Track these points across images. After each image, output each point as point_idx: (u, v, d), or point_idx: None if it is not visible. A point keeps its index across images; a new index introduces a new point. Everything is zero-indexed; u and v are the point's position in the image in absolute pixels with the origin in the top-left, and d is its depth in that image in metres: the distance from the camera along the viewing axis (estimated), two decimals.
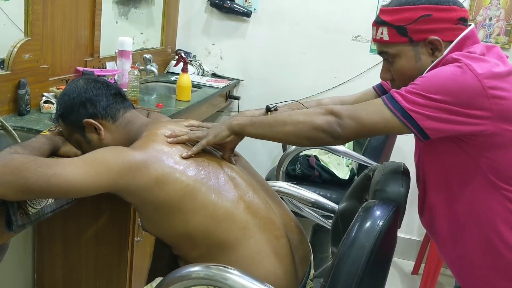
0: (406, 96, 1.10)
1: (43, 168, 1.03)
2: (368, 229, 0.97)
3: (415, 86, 1.11)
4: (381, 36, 1.23)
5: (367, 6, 2.85)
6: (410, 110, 1.09)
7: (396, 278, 2.87)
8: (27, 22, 1.73)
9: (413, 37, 1.19)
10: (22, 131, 1.59)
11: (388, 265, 1.15)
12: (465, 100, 1.07)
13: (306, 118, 1.18)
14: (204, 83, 2.79)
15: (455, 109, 1.07)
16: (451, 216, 1.22)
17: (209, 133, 1.25)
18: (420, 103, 1.08)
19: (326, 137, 1.15)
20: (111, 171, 1.10)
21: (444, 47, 1.19)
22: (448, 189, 1.21)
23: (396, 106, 1.10)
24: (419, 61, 1.21)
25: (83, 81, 1.31)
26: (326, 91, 2.97)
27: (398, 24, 1.20)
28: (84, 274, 1.71)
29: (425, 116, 1.08)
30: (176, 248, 1.25)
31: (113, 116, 1.29)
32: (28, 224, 1.17)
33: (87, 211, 1.65)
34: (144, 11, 2.86)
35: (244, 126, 1.24)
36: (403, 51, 1.21)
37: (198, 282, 1.03)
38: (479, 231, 1.18)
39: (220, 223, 1.17)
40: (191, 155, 1.20)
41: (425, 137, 1.11)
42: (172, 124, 1.35)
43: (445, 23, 1.18)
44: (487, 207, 1.16)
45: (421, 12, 1.17)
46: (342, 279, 0.93)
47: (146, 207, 1.18)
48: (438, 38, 1.18)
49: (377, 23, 1.25)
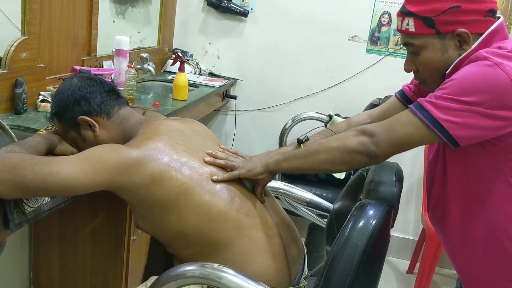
0: (437, 103, 1.07)
1: (39, 166, 1.04)
2: (361, 228, 0.97)
3: (445, 91, 1.08)
4: (407, 27, 1.18)
5: (364, 7, 2.86)
6: (441, 119, 1.06)
7: (391, 277, 2.88)
8: (24, 21, 1.73)
9: (441, 29, 1.15)
10: (19, 130, 1.59)
11: (381, 264, 1.16)
12: (497, 100, 1.04)
13: (338, 143, 1.17)
14: (201, 82, 2.80)
15: (488, 112, 1.04)
16: (465, 217, 1.21)
17: (245, 165, 1.25)
18: (452, 108, 1.05)
19: (362, 158, 1.13)
20: (108, 169, 1.10)
21: (472, 40, 1.14)
22: (467, 194, 1.19)
23: (427, 115, 1.07)
24: (446, 54, 1.17)
25: (77, 79, 1.32)
26: (323, 91, 2.98)
27: (425, 15, 1.15)
28: (80, 272, 1.72)
29: (457, 125, 1.05)
30: (170, 246, 1.26)
31: (107, 113, 1.30)
32: (25, 223, 1.17)
33: (84, 210, 1.65)
34: (141, 10, 2.86)
35: (279, 162, 1.23)
36: (429, 43, 1.17)
37: (193, 281, 1.03)
38: (490, 232, 1.17)
39: (213, 222, 1.18)
40: (221, 180, 1.22)
41: (455, 145, 1.08)
42: (171, 121, 1.36)
43: (474, 15, 1.13)
44: (502, 209, 1.15)
45: (450, 4, 1.12)
46: (335, 278, 0.94)
47: (142, 205, 1.19)
48: (467, 30, 1.13)
49: (403, 14, 1.20)
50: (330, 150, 1.17)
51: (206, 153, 1.26)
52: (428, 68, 1.21)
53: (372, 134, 1.12)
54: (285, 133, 2.84)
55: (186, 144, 1.25)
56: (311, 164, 1.20)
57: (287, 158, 1.23)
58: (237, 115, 3.16)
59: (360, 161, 1.14)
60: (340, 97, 2.96)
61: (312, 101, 3.02)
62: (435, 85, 1.21)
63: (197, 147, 1.28)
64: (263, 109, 3.12)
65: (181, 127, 1.34)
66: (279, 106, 3.09)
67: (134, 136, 1.25)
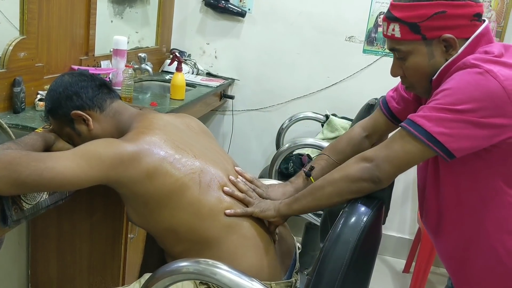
0: (429, 116, 1.06)
1: (35, 162, 1.05)
2: (353, 224, 0.99)
3: (437, 102, 1.07)
4: (393, 32, 1.17)
5: (361, 7, 2.88)
6: (436, 133, 1.05)
7: (387, 276, 2.89)
8: (23, 20, 1.75)
9: (427, 34, 1.13)
10: (17, 129, 1.61)
11: (373, 260, 1.18)
12: (490, 108, 1.03)
13: (341, 173, 1.17)
14: (198, 82, 2.81)
15: (482, 121, 1.03)
16: (459, 225, 1.21)
17: (259, 205, 1.28)
18: (445, 118, 1.04)
19: (368, 185, 1.12)
20: (103, 164, 1.12)
21: (458, 45, 1.13)
22: (461, 202, 1.19)
23: (421, 131, 1.06)
24: (433, 59, 1.16)
25: (68, 76, 1.34)
26: (320, 91, 3.00)
27: (411, 21, 1.13)
28: (78, 270, 1.72)
29: (452, 137, 1.04)
30: (161, 241, 1.27)
31: (100, 106, 1.31)
32: (23, 219, 1.19)
33: (81, 208, 1.66)
34: (139, 10, 2.88)
35: (290, 205, 1.25)
36: (416, 49, 1.16)
37: (187, 276, 1.04)
38: (484, 239, 1.17)
39: (204, 220, 1.20)
40: (235, 215, 1.24)
41: (452, 157, 1.07)
42: (166, 115, 1.37)
43: (460, 20, 1.12)
44: (496, 216, 1.15)
45: (435, 9, 1.11)
46: (327, 274, 0.95)
47: (135, 199, 1.20)
48: (453, 36, 1.12)
49: (388, 19, 1.18)
50: (335, 182, 1.17)
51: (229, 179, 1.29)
52: (416, 74, 1.19)
53: (371, 159, 1.12)
54: (282, 133, 2.86)
55: (180, 139, 1.27)
56: (319, 200, 1.20)
57: (297, 199, 1.24)
58: (235, 115, 3.17)
59: (367, 188, 1.13)
60: (337, 97, 2.98)
61: (309, 101, 3.03)
62: (423, 89, 1.22)
63: (191, 142, 1.29)
64: (260, 109, 3.13)
65: (176, 121, 1.35)
66: (276, 106, 3.10)
67: (129, 129, 1.26)
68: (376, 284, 1.15)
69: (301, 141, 2.31)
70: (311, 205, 1.22)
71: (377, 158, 1.11)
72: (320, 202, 1.20)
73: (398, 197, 2.98)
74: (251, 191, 1.31)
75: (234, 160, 1.43)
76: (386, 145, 1.13)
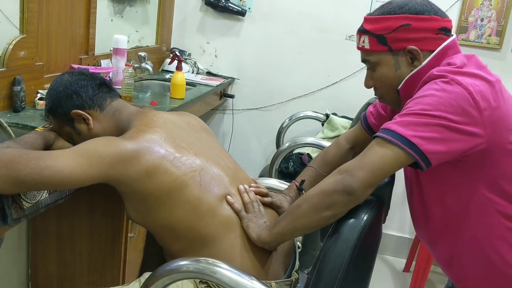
0: (402, 121, 1.07)
1: (35, 161, 1.05)
2: (353, 223, 0.99)
3: (409, 109, 1.09)
4: (363, 44, 1.23)
5: (360, 6, 2.87)
6: (409, 135, 1.05)
7: (388, 275, 2.90)
8: (23, 19, 1.75)
9: (393, 46, 1.19)
10: (17, 128, 1.61)
11: (373, 259, 1.17)
12: (460, 113, 1.05)
13: (316, 188, 1.14)
14: (198, 81, 2.81)
15: (453, 126, 1.05)
16: (450, 236, 1.22)
17: (251, 220, 1.24)
18: (418, 122, 1.05)
19: (342, 197, 1.07)
20: (103, 162, 1.11)
21: (422, 57, 1.18)
22: (448, 214, 1.20)
23: (394, 135, 1.06)
24: (399, 70, 1.20)
25: (68, 75, 1.34)
26: (320, 90, 3.00)
27: (378, 33, 1.19)
28: (78, 269, 1.72)
29: (426, 139, 1.04)
30: (160, 239, 1.27)
31: (100, 105, 1.31)
32: (23, 218, 1.18)
33: (81, 207, 1.66)
34: (139, 9, 2.88)
35: (271, 230, 1.20)
36: (383, 60, 1.21)
37: (187, 275, 1.04)
38: (476, 247, 1.18)
39: (202, 218, 1.19)
40: (232, 206, 1.23)
41: (428, 164, 1.06)
42: (166, 113, 1.37)
43: (424, 33, 1.17)
44: (484, 224, 1.16)
45: (400, 22, 1.17)
46: (327, 272, 0.95)
47: (135, 196, 1.20)
48: (417, 48, 1.17)
49: (360, 32, 1.25)
50: (310, 198, 1.13)
51: (238, 187, 1.28)
52: (384, 84, 1.24)
53: (346, 169, 1.09)
54: (282, 132, 2.86)
55: (181, 137, 1.26)
56: (297, 220, 1.15)
57: (277, 222, 1.20)
58: (235, 114, 3.17)
59: (341, 200, 1.07)
60: (337, 96, 2.97)
61: (309, 100, 3.03)
62: (392, 100, 1.26)
63: (191, 141, 1.29)
64: (260, 108, 3.13)
65: (176, 119, 1.35)
66: (276, 105, 3.10)
67: (129, 127, 1.26)
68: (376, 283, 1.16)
69: (301, 140, 2.31)
70: (290, 226, 1.16)
71: (351, 168, 1.08)
72: (298, 221, 1.15)
73: (398, 196, 2.98)
74: (256, 203, 1.29)
75: (235, 159, 1.42)
76: (361, 155, 1.11)
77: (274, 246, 1.22)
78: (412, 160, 1.06)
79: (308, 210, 1.12)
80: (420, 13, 1.17)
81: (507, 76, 2.82)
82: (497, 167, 1.11)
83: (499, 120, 1.07)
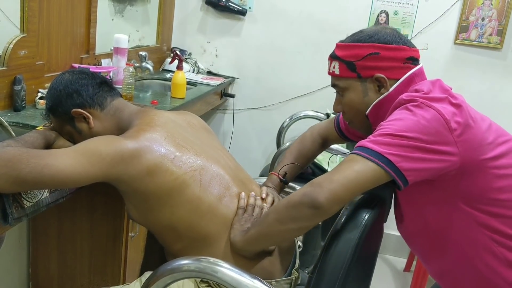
0: (378, 140, 1.07)
1: (35, 159, 1.05)
2: (354, 222, 0.99)
3: (382, 130, 1.09)
4: (333, 69, 1.27)
5: (361, 6, 2.87)
6: (386, 153, 1.04)
7: (388, 275, 2.89)
8: (23, 18, 1.75)
9: (361, 73, 1.22)
10: (18, 127, 1.61)
11: (374, 259, 1.17)
12: (432, 134, 1.06)
13: (285, 200, 1.11)
14: (199, 81, 2.81)
15: (427, 147, 1.06)
16: (437, 251, 1.23)
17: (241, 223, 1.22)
18: (393, 143, 1.05)
19: (308, 210, 1.03)
20: (104, 161, 1.11)
21: (389, 84, 1.21)
22: (431, 232, 1.21)
23: (371, 152, 1.05)
24: (367, 96, 1.23)
25: (68, 74, 1.33)
26: (320, 89, 3.00)
27: (348, 59, 1.22)
28: (78, 269, 1.72)
29: (402, 157, 1.04)
30: (161, 239, 1.27)
31: (100, 104, 1.31)
32: (24, 217, 1.18)
33: (82, 207, 1.66)
34: (140, 8, 2.88)
35: (243, 236, 1.19)
36: (352, 86, 1.24)
37: (188, 274, 1.04)
38: (465, 261, 1.19)
39: (203, 217, 1.19)
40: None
41: (405, 182, 1.06)
42: (167, 112, 1.37)
43: (392, 62, 1.20)
44: (468, 238, 1.17)
45: (370, 50, 1.20)
46: (328, 272, 0.95)
47: (136, 196, 1.20)
48: (384, 76, 1.20)
49: (331, 57, 1.28)
50: (278, 208, 1.12)
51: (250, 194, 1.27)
52: (351, 109, 1.27)
53: (318, 182, 1.05)
54: (283, 131, 2.85)
55: (181, 136, 1.26)
56: (265, 229, 1.14)
57: (248, 229, 1.18)
58: (235, 113, 3.17)
59: (306, 214, 1.04)
60: None
61: (309, 99, 3.03)
62: (361, 124, 1.29)
63: (192, 140, 1.29)
64: (261, 107, 3.13)
65: (177, 119, 1.35)
66: (277, 104, 3.10)
67: (130, 126, 1.26)
68: (377, 283, 1.15)
69: None
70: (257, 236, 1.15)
71: (321, 181, 1.05)
72: (263, 230, 1.14)
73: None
74: (258, 208, 1.27)
75: (235, 159, 1.42)
76: (334, 169, 1.08)
77: (246, 252, 1.20)
78: (388, 177, 1.05)
79: (275, 221, 1.11)
80: (389, 42, 1.20)
81: (508, 76, 2.82)
82: (472, 184, 1.12)
83: (470, 139, 1.09)
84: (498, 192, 1.13)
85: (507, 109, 2.81)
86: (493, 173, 1.12)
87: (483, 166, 1.11)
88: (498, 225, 1.14)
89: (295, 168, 1.52)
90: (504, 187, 1.13)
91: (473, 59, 2.82)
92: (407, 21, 2.85)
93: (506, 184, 1.13)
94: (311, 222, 1.06)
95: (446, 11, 2.79)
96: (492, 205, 1.13)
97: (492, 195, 1.13)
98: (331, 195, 1.02)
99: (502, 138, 1.16)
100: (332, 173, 1.06)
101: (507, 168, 1.13)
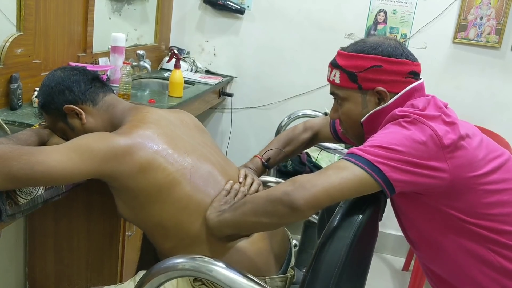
0: (369, 150, 1.06)
1: (27, 156, 1.04)
2: (349, 220, 0.98)
3: (373, 141, 1.08)
4: (334, 78, 1.25)
5: (360, 5, 2.87)
6: (376, 162, 1.04)
7: (387, 274, 2.89)
8: (20, 16, 1.74)
9: (362, 85, 1.20)
10: (14, 125, 1.60)
11: (369, 257, 1.17)
12: (423, 150, 1.06)
13: (266, 192, 1.10)
14: (197, 80, 2.80)
15: (417, 161, 1.05)
16: (436, 260, 1.24)
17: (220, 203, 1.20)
18: (383, 155, 1.04)
19: (284, 209, 1.01)
20: (95, 158, 1.11)
21: (389, 98, 1.20)
22: (427, 241, 1.22)
23: (361, 160, 1.05)
24: (366, 108, 1.22)
25: (60, 71, 1.33)
26: (319, 88, 2.99)
27: (350, 70, 1.21)
28: (75, 268, 1.72)
29: (392, 167, 1.04)
30: (151, 237, 1.27)
31: (92, 100, 1.31)
32: (18, 214, 1.18)
33: (79, 205, 1.66)
34: (137, 7, 2.87)
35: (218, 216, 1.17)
36: (351, 96, 1.23)
37: (183, 273, 1.04)
38: (462, 269, 1.19)
39: (192, 215, 1.19)
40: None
41: (391, 190, 1.06)
42: (160, 110, 1.37)
43: (394, 76, 1.19)
44: (464, 246, 1.16)
45: (372, 62, 1.18)
46: (323, 270, 0.95)
47: (126, 193, 1.20)
48: (385, 89, 1.19)
49: (332, 65, 1.27)
50: (256, 199, 1.10)
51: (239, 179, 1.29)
52: (349, 119, 1.26)
53: (301, 182, 1.02)
54: (281, 130, 2.84)
55: (173, 134, 1.26)
56: (236, 216, 1.12)
57: (224, 211, 1.16)
58: (233, 112, 3.17)
59: (282, 212, 1.02)
60: None
61: (308, 98, 3.03)
62: (356, 134, 1.28)
63: (184, 138, 1.29)
64: (259, 106, 3.13)
65: (170, 116, 1.35)
66: (275, 103, 3.10)
67: (122, 123, 1.26)
68: (375, 282, 1.15)
69: None
70: (230, 220, 1.13)
71: (305, 182, 1.02)
72: (236, 217, 1.12)
73: None
74: (241, 194, 1.26)
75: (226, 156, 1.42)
76: (320, 171, 1.07)
77: (217, 234, 1.18)
78: (374, 187, 1.04)
79: (249, 211, 1.10)
80: (392, 56, 1.18)
81: (506, 75, 2.82)
82: (461, 199, 1.12)
83: (462, 156, 1.09)
84: (488, 207, 1.12)
85: (505, 108, 2.81)
86: (483, 189, 1.11)
87: (472, 183, 1.11)
88: (493, 236, 1.13)
89: (280, 154, 1.54)
90: (494, 202, 1.13)
91: (472, 58, 2.82)
92: (406, 20, 2.85)
93: (496, 200, 1.13)
94: (283, 220, 1.06)
95: (444, 10, 2.79)
96: (483, 219, 1.13)
97: (482, 210, 1.12)
98: (312, 199, 1.00)
99: (493, 154, 1.15)
100: (317, 176, 1.04)
101: (497, 184, 1.13)
